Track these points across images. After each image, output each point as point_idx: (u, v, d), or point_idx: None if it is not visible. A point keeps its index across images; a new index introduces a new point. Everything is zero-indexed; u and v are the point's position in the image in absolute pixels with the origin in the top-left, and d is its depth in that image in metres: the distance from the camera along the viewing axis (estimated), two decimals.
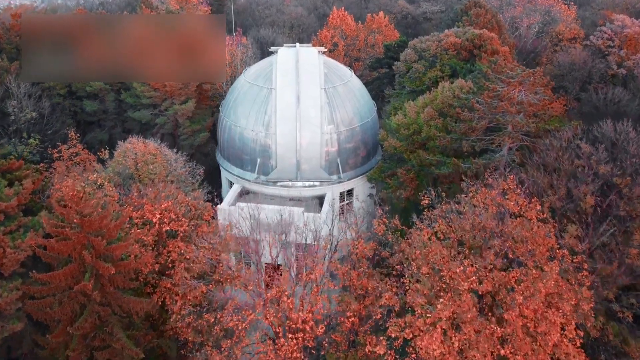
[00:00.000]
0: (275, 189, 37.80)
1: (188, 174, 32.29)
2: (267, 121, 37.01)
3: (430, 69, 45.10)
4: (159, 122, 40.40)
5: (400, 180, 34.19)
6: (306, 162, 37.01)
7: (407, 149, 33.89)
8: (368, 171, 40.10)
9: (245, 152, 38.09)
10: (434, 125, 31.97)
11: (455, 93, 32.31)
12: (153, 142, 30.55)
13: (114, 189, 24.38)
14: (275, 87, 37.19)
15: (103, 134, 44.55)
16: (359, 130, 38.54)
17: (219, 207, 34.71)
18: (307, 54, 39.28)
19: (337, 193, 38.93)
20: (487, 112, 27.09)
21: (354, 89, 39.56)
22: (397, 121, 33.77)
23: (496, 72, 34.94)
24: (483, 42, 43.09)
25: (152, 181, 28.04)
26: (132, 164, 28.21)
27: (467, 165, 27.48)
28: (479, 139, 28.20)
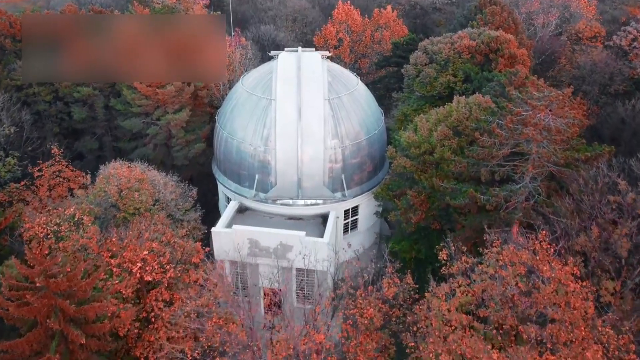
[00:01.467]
0: (275, 207, 35.20)
1: (180, 197, 29.72)
2: (266, 135, 34.22)
3: (442, 72, 42.11)
4: (151, 132, 37.69)
5: (410, 203, 31.47)
6: (308, 179, 34.32)
7: (418, 168, 31.12)
8: (375, 186, 37.39)
9: (243, 167, 35.41)
10: (447, 146, 29.14)
11: (473, 110, 29.38)
12: (139, 166, 27.86)
13: (92, 229, 21.76)
14: (275, 98, 34.33)
15: (93, 142, 41.90)
16: (365, 144, 35.73)
17: (213, 230, 32.18)
18: (310, 61, 36.29)
19: (342, 211, 36.31)
20: (510, 139, 24.21)
21: (360, 98, 36.63)
22: (407, 139, 30.93)
23: (516, 85, 31.96)
24: (500, 45, 39.96)
25: (138, 210, 25.49)
26: (116, 192, 25.62)
27: (486, 197, 24.70)
28: (499, 165, 25.37)
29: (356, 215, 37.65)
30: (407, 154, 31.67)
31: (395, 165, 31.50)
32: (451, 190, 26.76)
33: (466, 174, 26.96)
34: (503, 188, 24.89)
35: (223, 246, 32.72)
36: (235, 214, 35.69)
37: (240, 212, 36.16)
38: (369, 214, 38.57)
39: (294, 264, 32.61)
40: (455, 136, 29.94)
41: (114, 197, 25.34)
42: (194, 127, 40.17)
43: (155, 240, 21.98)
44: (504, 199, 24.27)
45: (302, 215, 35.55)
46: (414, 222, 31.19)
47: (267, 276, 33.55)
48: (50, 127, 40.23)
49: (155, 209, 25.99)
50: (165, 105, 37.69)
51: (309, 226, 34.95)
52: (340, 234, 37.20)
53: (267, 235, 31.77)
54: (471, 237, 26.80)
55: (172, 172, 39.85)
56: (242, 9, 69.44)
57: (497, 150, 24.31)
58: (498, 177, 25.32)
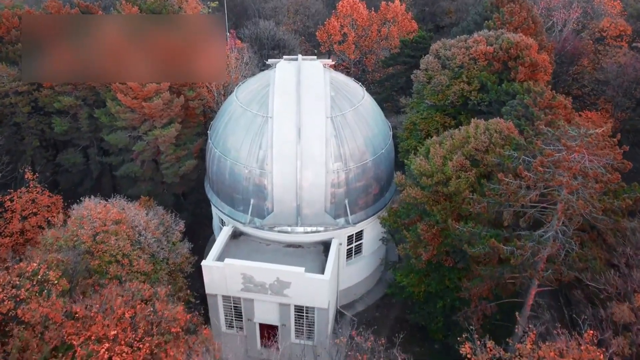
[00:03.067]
0: (272, 234, 32.23)
1: (164, 234, 26.77)
2: (262, 157, 31.04)
3: (455, 79, 38.62)
4: (137, 148, 34.51)
5: (420, 237, 28.41)
6: (308, 205, 31.24)
7: (430, 199, 27.98)
8: (382, 208, 34.35)
9: (237, 191, 32.33)
10: (464, 178, 25.91)
11: (493, 139, 26.05)
12: (118, 202, 24.80)
13: (55, 302, 18.46)
14: (272, 116, 31.03)
15: (77, 155, 38.81)
16: (371, 165, 32.51)
17: (203, 264, 29.29)
18: (311, 73, 32.84)
19: (345, 237, 33.32)
20: (538, 182, 20.99)
21: (366, 114, 33.26)
22: (418, 167, 27.68)
23: (541, 106, 28.56)
24: (520, 52, 36.29)
25: (115, 257, 22.57)
26: (90, 237, 22.67)
27: (510, 248, 21.58)
28: (525, 208, 22.20)
29: (361, 240, 34.70)
30: (417, 182, 28.52)
31: (405, 195, 28.35)
32: (469, 234, 23.62)
33: (486, 215, 23.79)
34: (529, 237, 21.76)
35: (214, 281, 29.90)
36: (229, 240, 32.79)
37: (235, 237, 33.24)
38: (375, 238, 35.58)
39: (293, 301, 29.83)
40: (472, 166, 26.71)
41: (87, 242, 22.43)
42: (185, 140, 36.99)
43: (129, 306, 19.06)
44: (530, 251, 21.15)
45: (302, 243, 32.59)
46: (424, 259, 28.18)
47: (263, 312, 30.92)
48: (30, 141, 37.13)
49: (134, 255, 23.08)
50: (152, 118, 34.43)
51: (309, 255, 32.07)
52: (343, 259, 34.30)
53: (262, 271, 28.88)
54: (490, 287, 23.83)
55: (162, 189, 37.11)
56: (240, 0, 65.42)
57: (524, 196, 21.10)
58: (524, 224, 22.14)
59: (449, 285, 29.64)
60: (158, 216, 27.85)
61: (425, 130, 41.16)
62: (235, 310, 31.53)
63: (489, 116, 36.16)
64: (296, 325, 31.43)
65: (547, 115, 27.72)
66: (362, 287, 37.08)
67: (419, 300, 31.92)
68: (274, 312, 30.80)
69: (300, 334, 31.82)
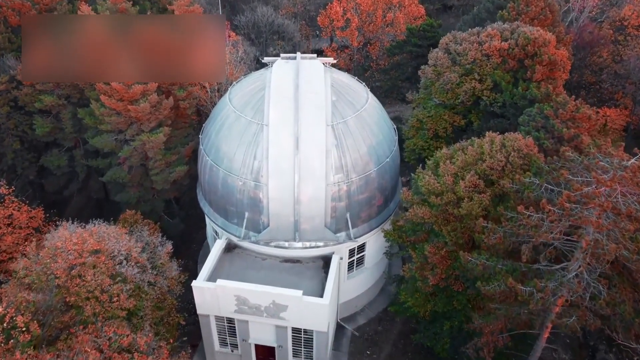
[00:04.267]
0: (269, 248, 30.14)
1: (148, 260, 24.64)
2: (257, 168, 28.67)
3: (467, 76, 35.91)
4: (123, 154, 32.11)
5: (427, 259, 26.28)
6: (307, 221, 29.02)
7: (439, 218, 25.74)
8: (386, 219, 32.16)
9: (230, 203, 30.08)
10: (477, 201, 23.57)
11: (511, 158, 23.57)
12: (97, 229, 22.54)
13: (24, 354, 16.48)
14: (268, 124, 28.52)
15: (61, 157, 36.43)
16: (375, 175, 30.13)
17: (194, 285, 27.27)
18: (310, 74, 30.14)
19: (346, 251, 31.21)
20: (563, 218, 18.67)
21: (370, 119, 30.67)
22: (426, 185, 25.32)
23: (563, 118, 25.98)
24: (537, 49, 33.44)
25: (92, 293, 20.46)
26: (64, 272, 20.53)
27: (529, 289, 19.40)
28: (546, 244, 19.97)
29: (363, 252, 32.61)
30: (424, 198, 26.22)
31: (411, 215, 26.07)
32: (482, 267, 21.42)
33: (501, 246, 21.54)
34: (551, 277, 19.54)
35: (206, 301, 27.96)
36: (223, 253, 30.74)
37: (229, 250, 31.18)
38: (379, 249, 33.50)
39: (290, 323, 27.94)
40: (487, 186, 24.34)
41: (61, 277, 20.34)
42: (175, 143, 34.56)
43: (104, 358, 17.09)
44: (551, 292, 18.98)
45: (301, 258, 30.53)
46: (431, 283, 26.12)
47: (258, 333, 29.10)
48: (10, 142, 34.75)
49: (114, 289, 20.99)
50: (140, 122, 31.93)
51: (307, 271, 30.04)
52: (345, 273, 32.28)
53: (257, 294, 26.88)
54: (504, 325, 21.79)
55: (152, 194, 34.94)
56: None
57: (546, 233, 18.81)
58: (544, 260, 19.92)
59: (457, 307, 27.68)
60: (143, 238, 25.68)
61: (432, 129, 38.69)
62: (230, 330, 29.71)
63: (502, 121, 33.70)
64: (294, 347, 29.65)
65: (569, 129, 25.17)
66: (364, 299, 35.19)
67: (424, 319, 30.04)
68: (270, 334, 28.98)
69: (298, 355, 30.07)
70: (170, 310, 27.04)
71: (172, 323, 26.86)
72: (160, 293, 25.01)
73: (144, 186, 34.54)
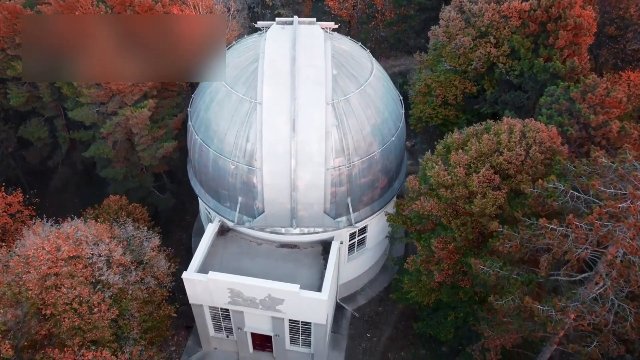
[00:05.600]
0: (264, 233, 28.32)
1: (134, 258, 22.77)
2: (251, 151, 26.26)
3: (481, 39, 32.66)
4: (105, 129, 29.55)
5: (434, 254, 24.48)
6: (305, 208, 26.98)
7: (448, 211, 23.68)
8: (390, 200, 30.12)
9: (222, 186, 27.92)
10: (491, 199, 21.35)
11: (531, 153, 21.08)
12: (73, 230, 20.37)
13: None
14: (262, 102, 25.77)
15: (41, 129, 33.84)
16: (379, 156, 27.72)
17: (184, 277, 25.65)
18: (309, 44, 26.99)
19: (347, 235, 29.40)
20: (591, 237, 16.56)
21: (375, 95, 27.81)
22: (436, 176, 23.02)
23: (592, 102, 23.18)
24: (562, 10, 29.96)
25: (70, 305, 18.77)
26: (37, 284, 18.68)
27: (547, 308, 17.62)
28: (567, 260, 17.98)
29: (364, 234, 30.82)
30: (432, 187, 24.03)
31: (418, 207, 23.95)
32: (495, 277, 19.58)
33: (517, 254, 19.59)
34: (572, 295, 17.70)
35: (198, 293, 26.49)
36: (216, 237, 28.97)
37: (223, 233, 29.39)
38: (381, 230, 31.74)
39: (286, 316, 26.62)
40: (503, 180, 22.04)
41: (34, 289, 18.53)
42: (163, 115, 31.89)
43: None
44: (572, 314, 17.22)
45: (298, 243, 28.78)
46: (437, 279, 24.45)
47: (254, 322, 27.88)
48: None
49: (94, 299, 19.26)
50: (122, 94, 29.13)
51: (305, 258, 28.40)
52: (345, 256, 30.67)
53: (251, 287, 25.33)
54: (516, 338, 20.28)
55: (140, 168, 32.76)
56: None
57: (571, 252, 16.76)
58: (564, 275, 18.03)
59: (463, 298, 26.22)
60: (127, 232, 23.72)
61: (441, 95, 35.85)
62: (224, 318, 28.49)
63: (520, 94, 30.81)
64: (291, 335, 28.54)
65: (597, 115, 22.51)
66: (364, 278, 33.84)
67: (427, 306, 28.73)
68: (266, 323, 27.77)
69: (295, 343, 29.03)
70: (160, 303, 25.58)
71: (163, 315, 25.47)
72: (148, 290, 23.38)
73: (131, 161, 32.28)
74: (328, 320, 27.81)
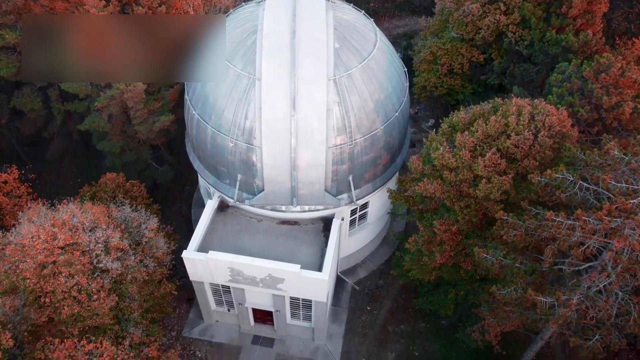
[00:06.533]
0: (265, 210, 27.97)
1: (132, 241, 22.46)
2: (250, 129, 25.50)
3: (491, 4, 31.27)
4: (99, 103, 28.66)
5: (435, 236, 24.18)
6: (305, 186, 26.48)
7: (452, 193, 23.19)
8: (392, 176, 29.60)
9: (221, 163, 27.32)
10: (496, 184, 20.79)
11: (540, 138, 20.34)
12: (68, 216, 19.89)
13: None
14: (261, 78, 24.78)
15: (34, 99, 32.86)
16: (381, 133, 26.96)
17: (184, 256, 25.48)
18: (310, 15, 25.66)
19: (348, 211, 29.06)
20: (598, 233, 16.12)
21: (378, 69, 26.71)
22: (439, 158, 22.40)
23: (605, 82, 22.19)
24: None
25: (69, 293, 18.63)
26: (34, 273, 18.44)
27: (550, 300, 17.42)
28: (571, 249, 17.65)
29: (366, 209, 30.49)
30: (435, 167, 23.45)
31: (421, 188, 23.44)
32: (498, 266, 19.31)
33: (521, 243, 19.24)
34: (575, 286, 17.47)
35: (198, 271, 26.43)
36: (216, 213, 28.66)
37: (222, 209, 29.06)
38: (383, 205, 31.38)
39: (287, 294, 26.68)
40: (509, 163, 21.41)
41: (32, 278, 18.32)
42: (159, 86, 30.87)
43: None
44: (576, 309, 17.03)
45: (299, 219, 28.48)
46: (439, 261, 24.25)
47: (255, 298, 28.00)
48: None
49: (93, 286, 19.07)
50: None
51: (306, 235, 28.17)
52: (346, 231, 30.45)
53: (251, 267, 25.20)
54: (518, 324, 20.23)
55: (137, 141, 32.12)
56: None
57: (577, 247, 16.39)
58: (569, 265, 17.73)
59: (464, 276, 26.14)
60: (125, 214, 23.32)
61: (447, 64, 34.73)
62: (225, 294, 28.59)
63: (530, 67, 29.63)
64: (292, 311, 28.72)
65: (610, 96, 21.61)
66: (365, 251, 33.80)
67: (428, 283, 28.75)
68: (267, 300, 27.86)
69: (296, 317, 29.26)
70: (161, 281, 25.55)
71: (164, 293, 25.50)
72: (147, 271, 23.24)
73: (128, 134, 31.52)
74: (329, 297, 27.88)
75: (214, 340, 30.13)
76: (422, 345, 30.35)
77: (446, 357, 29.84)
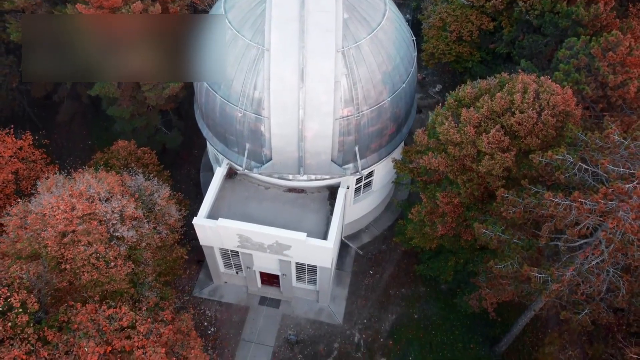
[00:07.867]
0: (272, 178, 28.73)
1: (146, 210, 23.31)
2: (258, 99, 25.87)
3: None
4: None
5: (438, 207, 24.94)
6: (312, 157, 27.09)
7: (455, 167, 23.77)
8: (398, 145, 30.10)
9: (230, 132, 27.86)
10: (499, 161, 21.33)
11: (543, 114, 20.66)
12: (84, 187, 20.64)
13: None
14: (270, 48, 24.92)
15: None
16: (388, 105, 27.28)
17: (195, 222, 26.48)
18: None
19: (353, 180, 29.79)
20: (592, 214, 16.79)
21: (387, 40, 26.71)
22: (444, 133, 22.85)
23: (612, 60, 22.24)
24: None
25: (88, 260, 19.69)
26: (55, 241, 19.40)
27: (544, 276, 18.31)
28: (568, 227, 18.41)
29: (371, 177, 31.20)
30: (439, 140, 23.95)
31: (426, 162, 24.01)
32: (497, 241, 20.14)
33: (520, 220, 19.99)
34: (568, 262, 18.33)
35: (208, 237, 27.51)
36: (224, 180, 29.46)
37: (230, 176, 29.85)
38: (387, 173, 32.05)
39: (293, 259, 27.81)
40: (514, 139, 21.84)
41: (53, 246, 19.31)
42: None
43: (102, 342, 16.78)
44: (568, 285, 17.95)
45: (305, 187, 29.26)
46: (440, 232, 25.11)
47: (262, 262, 29.19)
48: None
49: (110, 254, 20.09)
50: None
51: (312, 203, 29.03)
52: (351, 198, 31.28)
53: (259, 234, 26.19)
54: (513, 294, 21.25)
55: (146, 106, 32.59)
56: None
57: (573, 227, 17.12)
58: (564, 245, 18.53)
59: (464, 245, 27.09)
60: (138, 182, 24.12)
61: (456, 31, 34.51)
62: (234, 257, 29.78)
63: (539, 38, 29.44)
64: (297, 274, 29.95)
65: (616, 75, 21.76)
66: (369, 217, 34.76)
67: (429, 250, 29.77)
68: (274, 264, 29.04)
69: (301, 281, 30.53)
70: (172, 245, 26.66)
71: (175, 257, 26.65)
72: (160, 237, 24.29)
73: (137, 99, 31.91)
74: (333, 262, 29.01)
75: (223, 300, 31.60)
76: (422, 308, 31.72)
77: (445, 319, 31.25)
